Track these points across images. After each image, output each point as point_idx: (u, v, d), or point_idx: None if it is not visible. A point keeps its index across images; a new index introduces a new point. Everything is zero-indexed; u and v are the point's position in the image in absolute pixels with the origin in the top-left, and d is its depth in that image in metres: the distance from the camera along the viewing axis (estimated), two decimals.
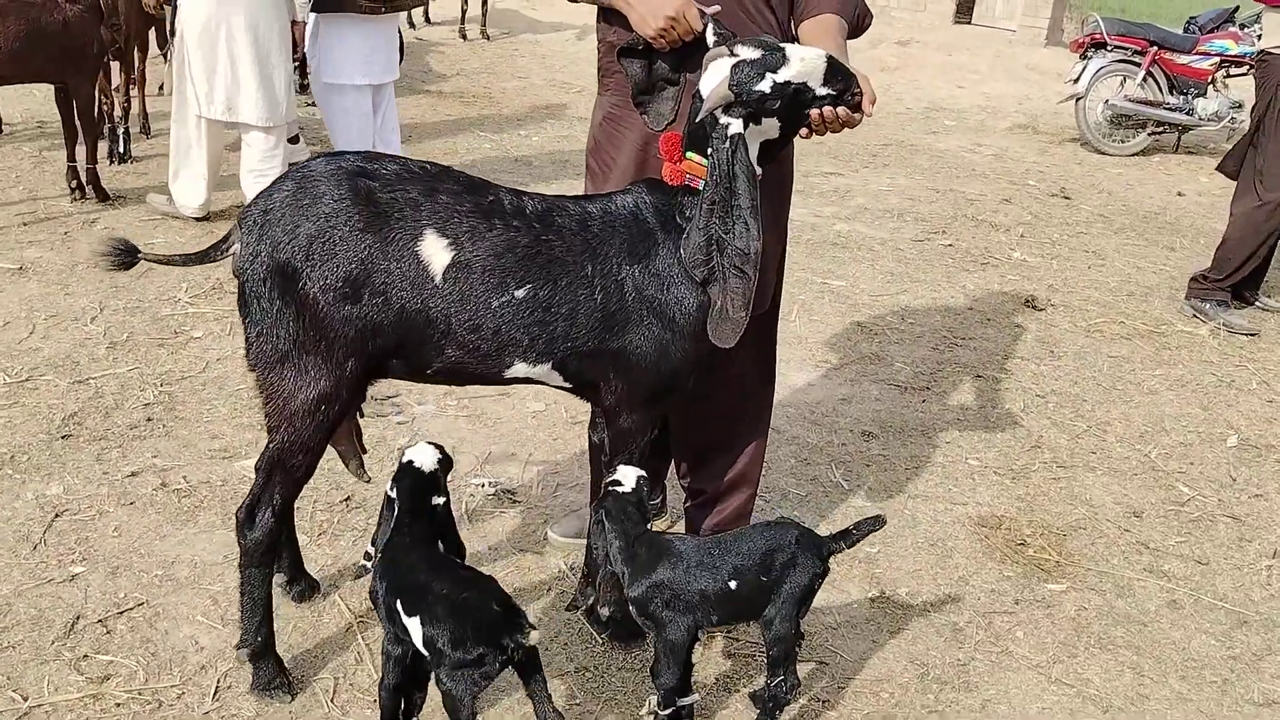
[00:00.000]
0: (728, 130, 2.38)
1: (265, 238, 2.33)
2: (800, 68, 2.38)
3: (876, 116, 9.27)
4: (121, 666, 2.65)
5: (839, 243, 6.54)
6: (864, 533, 2.58)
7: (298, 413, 2.40)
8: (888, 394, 4.56)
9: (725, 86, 2.35)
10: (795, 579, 2.46)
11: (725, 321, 2.46)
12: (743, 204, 2.39)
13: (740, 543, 2.49)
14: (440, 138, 8.16)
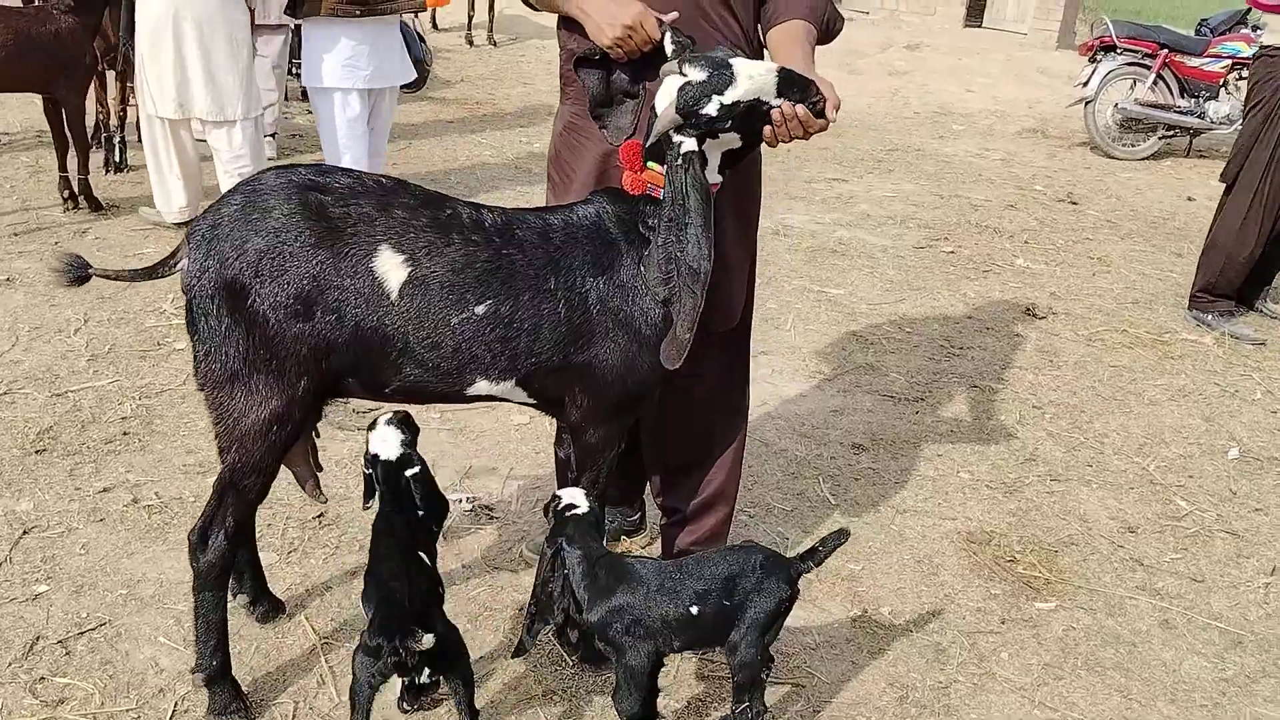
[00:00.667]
0: (681, 148, 2.32)
1: (213, 253, 2.27)
2: (749, 85, 2.31)
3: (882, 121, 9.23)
4: (78, 689, 2.60)
5: (839, 250, 6.46)
6: (830, 549, 2.50)
7: (248, 433, 2.34)
8: (881, 405, 4.47)
9: (673, 110, 2.30)
10: (760, 604, 2.39)
11: (671, 342, 2.39)
12: (695, 222, 2.34)
13: (703, 567, 2.42)
14: (440, 144, 8.12)
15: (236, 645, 2.77)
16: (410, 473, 2.55)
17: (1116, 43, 9.35)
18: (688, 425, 3.04)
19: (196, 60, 5.23)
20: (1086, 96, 9.45)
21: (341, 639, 2.84)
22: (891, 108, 11.31)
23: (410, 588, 2.34)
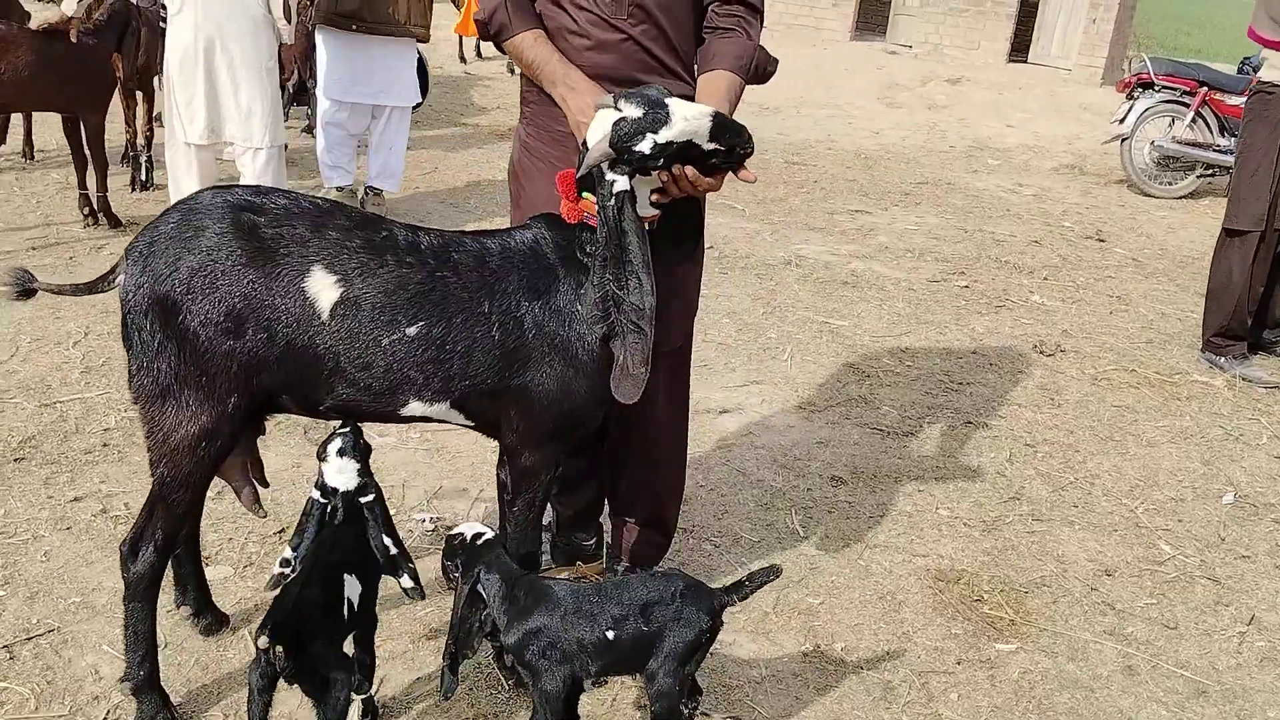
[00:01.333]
0: (613, 187, 2.31)
1: (148, 269, 2.31)
2: (684, 127, 2.31)
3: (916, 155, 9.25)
4: (14, 693, 2.63)
5: (850, 282, 6.42)
6: (757, 584, 2.47)
7: (178, 448, 2.36)
8: (868, 439, 4.42)
9: (606, 145, 2.30)
10: (679, 634, 2.36)
11: (626, 378, 2.39)
12: (634, 260, 2.33)
13: (622, 592, 2.40)
14: (466, 168, 8.22)
15: (177, 656, 2.81)
16: (365, 500, 2.53)
17: (1155, 80, 9.23)
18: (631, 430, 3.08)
19: (227, 87, 5.35)
20: (1123, 134, 9.35)
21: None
22: (927, 141, 11.25)
23: (302, 593, 2.32)
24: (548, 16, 2.75)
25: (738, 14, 2.76)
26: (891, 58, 15.05)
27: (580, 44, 2.72)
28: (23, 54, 5.40)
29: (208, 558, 3.16)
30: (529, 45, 2.72)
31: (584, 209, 2.44)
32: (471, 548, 2.44)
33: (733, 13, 2.76)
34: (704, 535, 3.61)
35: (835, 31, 16.55)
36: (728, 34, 2.74)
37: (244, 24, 5.29)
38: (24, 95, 5.57)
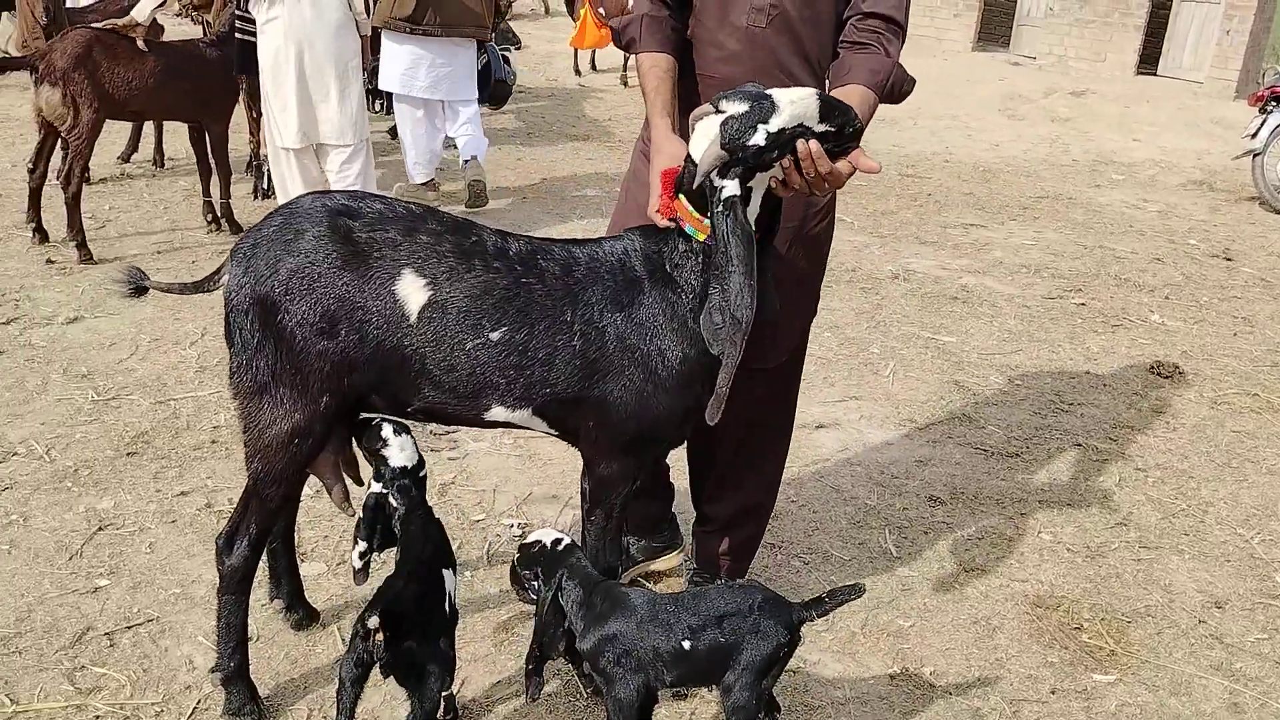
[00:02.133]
0: (723, 194, 2.26)
1: (250, 270, 2.38)
2: (792, 111, 2.26)
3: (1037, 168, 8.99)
4: (112, 680, 2.73)
5: (960, 297, 6.28)
6: (838, 602, 2.41)
7: (272, 444, 2.43)
8: (970, 458, 4.31)
9: (718, 146, 2.25)
10: (757, 646, 2.32)
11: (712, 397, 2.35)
12: (738, 269, 2.26)
13: (699, 602, 2.38)
14: (574, 179, 8.29)
15: (267, 650, 2.88)
16: (423, 474, 2.63)
17: None
18: (730, 440, 3.06)
19: (316, 89, 5.51)
20: (1255, 149, 8.94)
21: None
22: (1049, 154, 10.94)
23: (405, 586, 2.38)
24: (690, 25, 2.76)
25: (878, 29, 2.65)
26: (1014, 69, 14.70)
27: (713, 54, 2.72)
28: (150, 64, 5.63)
29: (302, 554, 3.25)
30: (645, 70, 2.74)
31: (676, 209, 2.41)
32: (552, 554, 2.45)
33: (873, 28, 2.65)
34: (792, 551, 3.55)
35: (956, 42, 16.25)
36: (865, 49, 2.64)
37: (329, 25, 5.44)
38: (151, 104, 5.82)
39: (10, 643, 2.82)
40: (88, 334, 4.78)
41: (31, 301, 5.09)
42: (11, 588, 3.05)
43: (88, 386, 4.27)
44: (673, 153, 2.52)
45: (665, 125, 2.63)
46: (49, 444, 3.82)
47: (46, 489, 3.54)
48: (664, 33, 2.74)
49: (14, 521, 3.36)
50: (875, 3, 2.65)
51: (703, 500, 3.26)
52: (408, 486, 2.59)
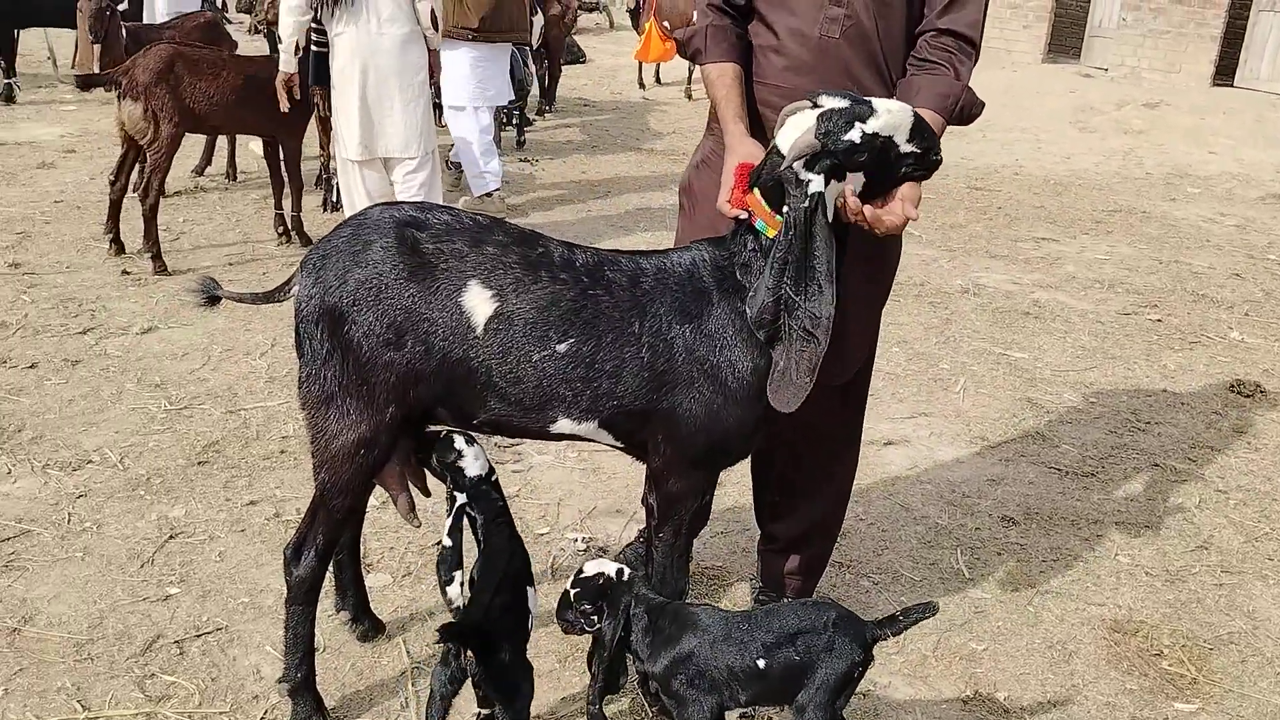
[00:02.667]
0: (808, 188, 2.25)
1: (319, 280, 2.39)
2: (888, 119, 2.27)
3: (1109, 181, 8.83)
4: (181, 688, 2.75)
5: (1032, 312, 6.16)
6: (912, 620, 2.36)
7: (338, 455, 2.43)
8: (1044, 478, 4.20)
9: (811, 135, 2.24)
10: (831, 665, 2.27)
11: (788, 385, 2.33)
12: (820, 267, 2.26)
13: (772, 619, 2.33)
14: (640, 194, 8.28)
15: (333, 661, 2.88)
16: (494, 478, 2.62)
17: None
18: (798, 455, 3.02)
19: (378, 103, 5.55)
20: None
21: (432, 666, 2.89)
22: (1122, 168, 10.73)
23: (493, 600, 2.39)
24: (754, 33, 2.74)
25: (950, 49, 2.60)
26: (1085, 80, 14.46)
27: (780, 64, 2.69)
28: (231, 79, 5.73)
29: (368, 565, 3.25)
30: (712, 79, 2.73)
31: (749, 204, 2.38)
32: (618, 584, 2.40)
33: (945, 46, 2.60)
34: (861, 571, 3.49)
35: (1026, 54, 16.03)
36: (934, 69, 2.59)
37: (394, 41, 5.47)
38: (230, 118, 5.92)
39: (83, 649, 2.86)
40: (161, 344, 4.85)
41: (107, 312, 5.19)
42: (85, 594, 3.09)
43: (161, 396, 4.34)
44: (747, 153, 2.50)
45: (740, 129, 2.60)
46: (123, 452, 3.88)
47: (120, 497, 3.60)
48: (729, 41, 2.71)
49: (88, 529, 3.41)
50: (951, 19, 2.60)
51: (768, 518, 3.21)
52: (488, 493, 2.59)
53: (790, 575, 3.16)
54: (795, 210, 2.27)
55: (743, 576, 3.41)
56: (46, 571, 3.18)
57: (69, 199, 6.99)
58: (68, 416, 4.12)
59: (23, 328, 4.92)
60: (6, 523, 3.40)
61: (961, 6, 2.60)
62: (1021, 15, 16.25)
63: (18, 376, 4.42)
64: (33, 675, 2.76)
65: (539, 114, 11.05)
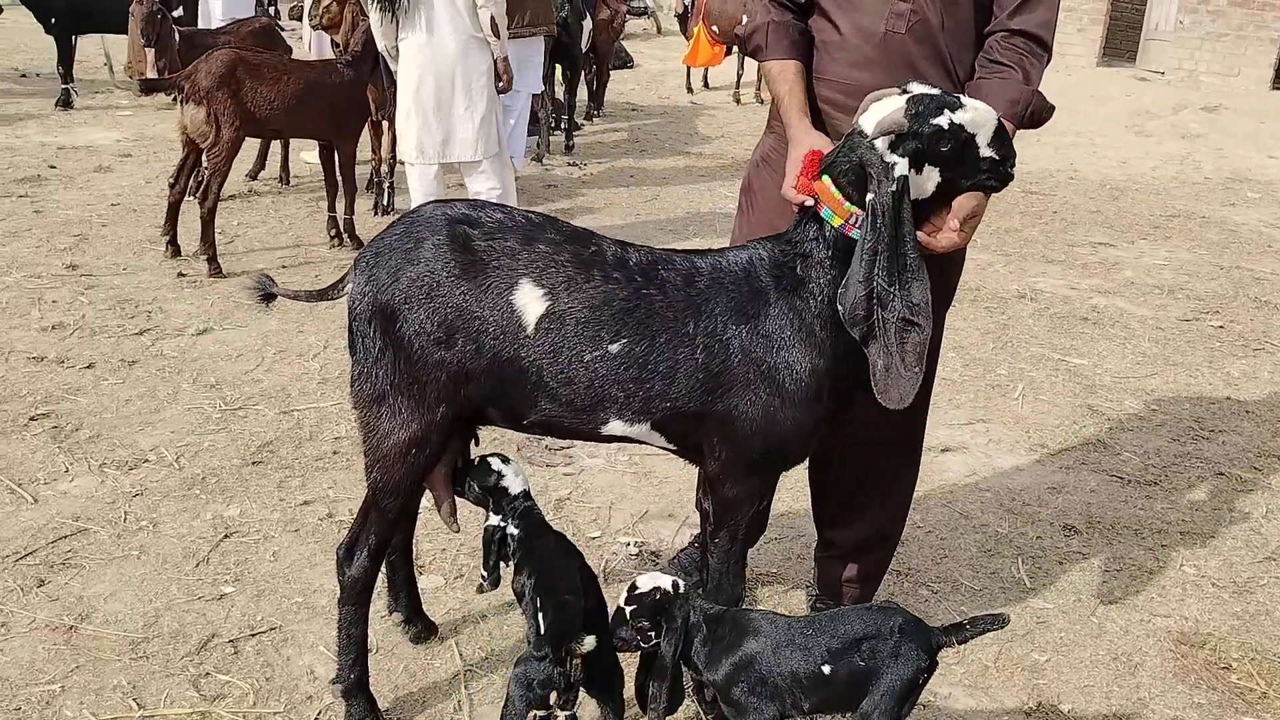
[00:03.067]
0: (894, 170, 2.20)
1: (372, 279, 2.38)
2: (974, 115, 2.24)
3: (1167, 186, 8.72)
4: (236, 687, 2.75)
5: (1090, 318, 6.04)
6: (979, 630, 2.29)
7: (389, 454, 2.41)
8: (1106, 486, 4.11)
9: (901, 114, 2.20)
10: (897, 671, 2.21)
11: (896, 380, 2.26)
12: (911, 252, 2.21)
13: (836, 624, 2.28)
14: (687, 195, 8.25)
15: (386, 662, 2.87)
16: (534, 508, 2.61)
17: None
18: (858, 462, 2.97)
19: (439, 110, 5.58)
20: None
21: (486, 669, 2.88)
22: (1180, 172, 10.53)
23: (584, 601, 2.38)
24: (816, 29, 2.70)
25: (1021, 50, 2.54)
26: (1141, 84, 14.23)
27: (842, 58, 2.65)
28: (292, 84, 5.77)
29: (420, 567, 3.24)
30: (774, 75, 2.70)
31: (816, 191, 2.34)
32: (674, 599, 2.32)
33: (1016, 47, 2.54)
34: (920, 579, 3.42)
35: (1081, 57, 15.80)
36: (1004, 71, 2.53)
37: (454, 48, 5.50)
38: (291, 122, 5.96)
39: (139, 647, 2.87)
40: (216, 345, 4.89)
41: (164, 313, 5.23)
42: (141, 593, 3.10)
43: (216, 396, 4.36)
44: (813, 144, 2.45)
45: (805, 122, 2.56)
46: (179, 451, 3.90)
47: (175, 496, 3.61)
48: (791, 38, 2.68)
49: (144, 527, 3.42)
50: (1024, 19, 2.54)
51: (827, 526, 3.15)
52: (531, 508, 2.58)
53: (848, 583, 3.10)
54: (882, 195, 2.20)
55: (798, 583, 3.36)
56: (103, 570, 3.20)
57: (125, 202, 7.08)
58: (124, 416, 4.16)
59: (80, 328, 4.97)
60: (64, 521, 3.43)
61: (1033, 7, 2.54)
62: (1076, 18, 16.02)
63: (75, 376, 4.47)
64: (89, 673, 2.77)
65: (587, 118, 11.05)
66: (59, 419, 4.09)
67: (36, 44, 12.48)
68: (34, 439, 3.94)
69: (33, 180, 7.46)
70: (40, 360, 4.60)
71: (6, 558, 3.22)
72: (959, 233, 2.34)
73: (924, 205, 2.32)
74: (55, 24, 9.57)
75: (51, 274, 5.67)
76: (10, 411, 4.12)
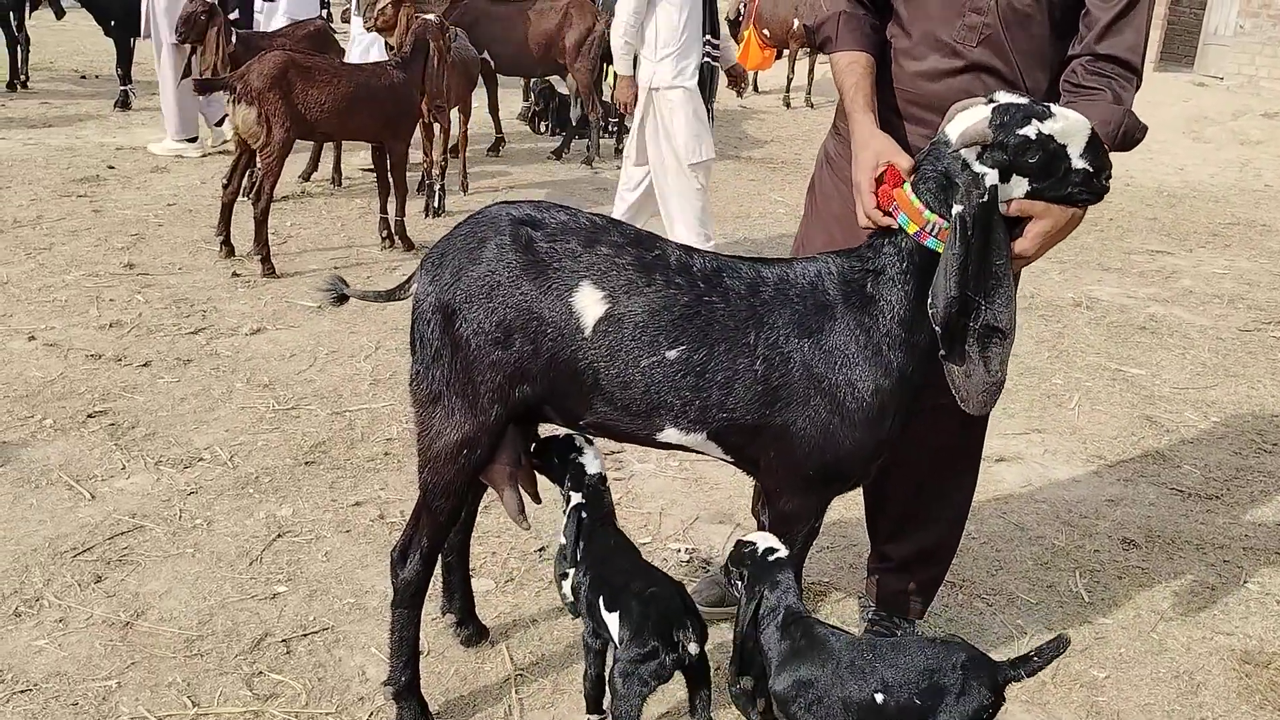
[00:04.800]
0: (984, 180, 2.15)
1: (437, 278, 2.38)
2: (1064, 125, 2.17)
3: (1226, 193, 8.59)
4: (288, 687, 2.76)
5: (1148, 327, 5.94)
6: (1047, 659, 2.22)
7: (441, 454, 2.41)
8: (1166, 499, 4.03)
9: (985, 125, 2.15)
10: (958, 710, 2.14)
11: (977, 387, 2.24)
12: (1001, 263, 2.17)
13: (897, 654, 2.21)
14: (736, 200, 8.23)
15: (437, 665, 2.87)
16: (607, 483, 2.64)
17: None
18: (915, 474, 2.91)
19: None
20: None
21: (537, 673, 2.86)
22: (1240, 179, 10.35)
23: (668, 588, 2.38)
24: (888, 32, 2.66)
25: (1110, 74, 2.44)
26: (1199, 90, 13.98)
27: (911, 67, 2.61)
28: (343, 87, 5.81)
29: (472, 570, 3.22)
30: (842, 68, 2.64)
31: (896, 199, 2.29)
32: (761, 563, 2.31)
33: (1104, 71, 2.45)
34: (975, 592, 3.37)
35: None
36: (1092, 94, 2.43)
37: None
38: (342, 125, 5.99)
39: (193, 645, 2.89)
40: (269, 345, 4.93)
41: (218, 313, 5.29)
42: (195, 591, 3.13)
43: (269, 396, 4.40)
44: (879, 148, 2.40)
45: (869, 121, 2.50)
46: (232, 450, 3.93)
47: (229, 494, 3.64)
48: (862, 30, 2.63)
49: (199, 525, 3.45)
50: (1112, 44, 2.43)
51: (881, 538, 3.10)
52: (602, 495, 2.58)
53: (903, 595, 3.05)
54: (970, 205, 2.15)
55: (850, 593, 3.32)
56: (158, 567, 3.23)
57: (181, 202, 7.17)
58: (179, 414, 4.20)
59: (137, 326, 5.03)
60: (121, 518, 3.47)
61: (1120, 31, 2.43)
62: None
63: (133, 374, 4.52)
64: (144, 670, 2.79)
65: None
66: (116, 416, 4.14)
67: (96, 47, 12.73)
68: (92, 436, 3.99)
69: (92, 180, 7.58)
70: (98, 358, 4.66)
71: (64, 553, 3.26)
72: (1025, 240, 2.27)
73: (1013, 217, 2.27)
74: (114, 27, 9.73)
75: (109, 272, 5.75)
76: (69, 408, 4.18)
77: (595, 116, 8.99)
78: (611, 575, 2.44)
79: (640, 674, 2.29)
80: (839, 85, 2.66)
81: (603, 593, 2.42)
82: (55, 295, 5.36)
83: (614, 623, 2.36)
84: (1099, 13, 2.44)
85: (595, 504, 2.55)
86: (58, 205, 6.91)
